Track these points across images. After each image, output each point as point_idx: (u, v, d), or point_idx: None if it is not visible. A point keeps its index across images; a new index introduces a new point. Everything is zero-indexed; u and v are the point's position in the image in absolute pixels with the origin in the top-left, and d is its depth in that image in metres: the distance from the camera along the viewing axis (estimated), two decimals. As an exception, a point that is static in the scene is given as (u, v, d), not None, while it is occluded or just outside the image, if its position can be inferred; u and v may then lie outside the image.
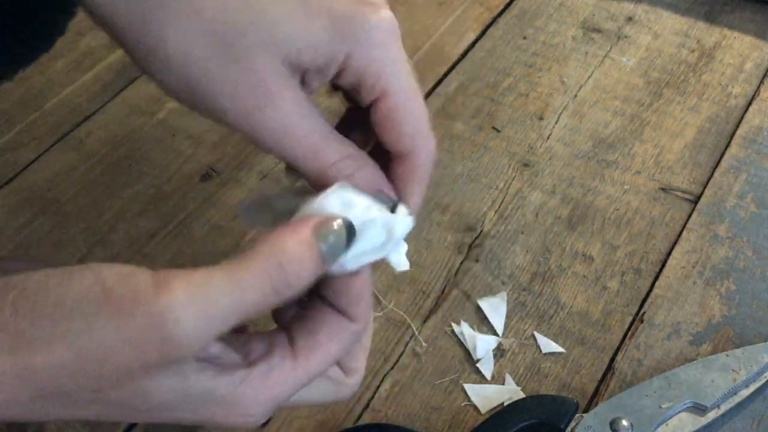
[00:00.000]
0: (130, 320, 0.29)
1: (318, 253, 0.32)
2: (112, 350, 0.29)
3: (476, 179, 0.61)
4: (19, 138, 0.65)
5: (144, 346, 0.29)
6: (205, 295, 0.30)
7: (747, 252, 0.56)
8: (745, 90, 0.67)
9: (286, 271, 0.31)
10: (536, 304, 0.54)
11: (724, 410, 0.48)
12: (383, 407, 0.50)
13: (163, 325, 0.29)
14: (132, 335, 0.29)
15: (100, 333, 0.29)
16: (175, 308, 0.29)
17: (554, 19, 0.73)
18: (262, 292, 0.31)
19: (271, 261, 0.31)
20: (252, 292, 0.30)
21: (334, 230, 0.32)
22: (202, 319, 0.30)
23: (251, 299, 0.30)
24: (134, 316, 0.29)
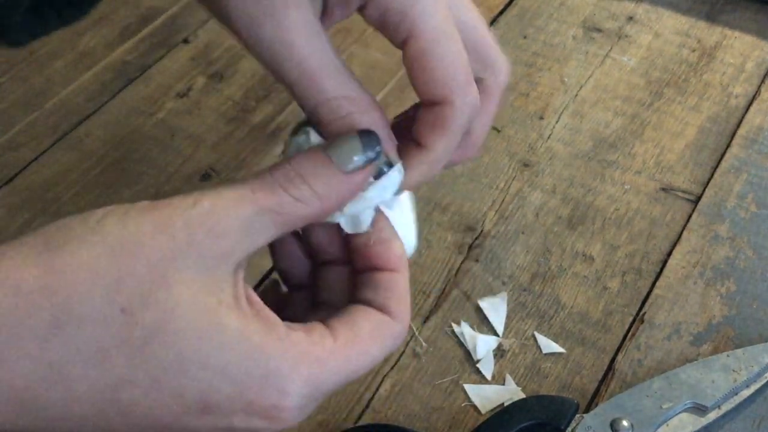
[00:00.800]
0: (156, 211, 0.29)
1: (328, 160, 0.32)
2: (143, 238, 0.28)
3: (476, 179, 0.61)
4: (19, 138, 0.65)
5: (171, 229, 0.29)
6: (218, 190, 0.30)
7: (747, 252, 0.56)
8: (745, 90, 0.67)
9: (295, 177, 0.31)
10: (536, 304, 0.54)
11: (724, 411, 0.48)
12: (383, 407, 0.50)
13: (184, 209, 0.29)
14: (159, 220, 0.29)
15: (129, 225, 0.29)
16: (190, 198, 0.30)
17: (555, 18, 0.73)
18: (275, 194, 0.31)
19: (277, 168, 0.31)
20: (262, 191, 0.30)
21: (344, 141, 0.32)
22: (218, 203, 0.30)
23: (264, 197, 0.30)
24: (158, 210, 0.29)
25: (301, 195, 0.31)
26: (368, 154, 0.32)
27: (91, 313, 0.27)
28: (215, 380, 0.29)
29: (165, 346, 0.28)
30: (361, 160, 0.32)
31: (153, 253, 0.28)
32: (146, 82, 0.69)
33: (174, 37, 0.72)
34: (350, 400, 0.50)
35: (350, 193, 0.33)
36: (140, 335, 0.28)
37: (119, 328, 0.28)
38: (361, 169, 0.32)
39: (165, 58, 0.71)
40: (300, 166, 0.31)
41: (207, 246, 0.29)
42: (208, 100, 0.67)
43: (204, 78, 0.69)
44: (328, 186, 0.32)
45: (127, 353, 0.28)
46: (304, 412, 0.31)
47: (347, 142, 0.32)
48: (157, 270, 0.28)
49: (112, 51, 0.71)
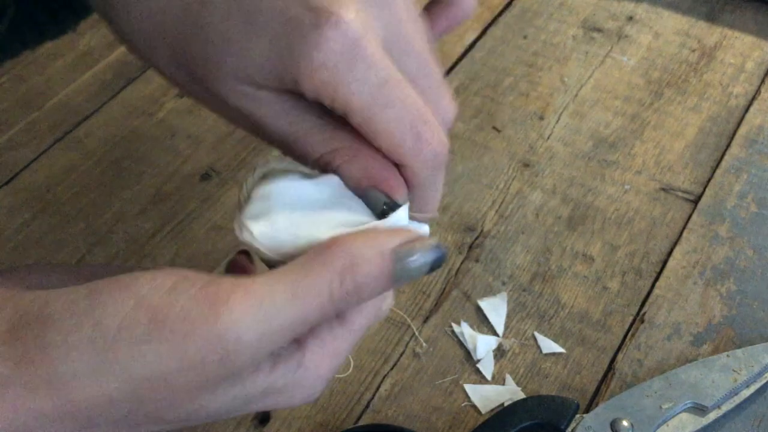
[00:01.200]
0: (187, 343, 0.27)
1: (391, 274, 0.30)
2: (169, 375, 0.27)
3: (476, 179, 0.61)
4: (19, 138, 0.65)
5: (204, 367, 0.27)
6: (266, 312, 0.28)
7: (747, 252, 0.56)
8: (746, 90, 0.67)
9: (350, 287, 0.29)
10: (536, 304, 0.54)
11: (724, 411, 0.48)
12: (383, 407, 0.50)
13: (224, 346, 0.27)
14: (190, 358, 0.27)
15: (153, 360, 0.27)
16: (235, 328, 0.27)
17: (555, 18, 0.73)
18: (321, 307, 0.29)
19: (339, 288, 0.29)
20: (314, 307, 0.29)
21: (418, 255, 0.30)
22: (264, 336, 0.28)
23: (312, 314, 0.29)
24: (191, 339, 0.27)
25: (347, 309, 0.30)
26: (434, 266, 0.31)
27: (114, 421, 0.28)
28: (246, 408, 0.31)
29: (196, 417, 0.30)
30: (417, 274, 0.31)
31: (179, 386, 0.28)
32: (146, 82, 0.69)
33: (174, 37, 0.72)
34: (350, 400, 0.50)
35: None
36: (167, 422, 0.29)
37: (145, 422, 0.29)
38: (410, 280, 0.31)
39: (165, 58, 0.71)
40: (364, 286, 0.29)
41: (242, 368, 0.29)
42: (208, 100, 0.67)
43: (204, 78, 0.69)
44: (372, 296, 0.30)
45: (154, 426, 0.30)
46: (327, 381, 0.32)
47: (417, 266, 0.30)
48: (184, 395, 0.28)
49: (112, 51, 0.71)
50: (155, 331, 0.27)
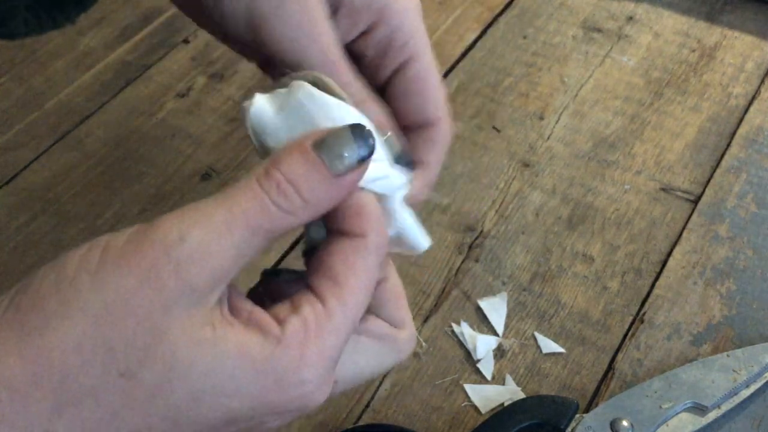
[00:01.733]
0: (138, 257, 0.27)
1: (320, 165, 0.29)
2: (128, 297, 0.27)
3: (476, 179, 0.61)
4: (19, 138, 0.65)
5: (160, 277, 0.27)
6: (203, 212, 0.28)
7: (747, 252, 0.56)
8: (745, 90, 0.67)
9: (286, 187, 0.29)
10: (536, 304, 0.54)
11: (724, 410, 0.48)
12: (383, 407, 0.50)
13: (170, 247, 0.27)
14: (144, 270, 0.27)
15: (109, 284, 0.27)
16: (175, 228, 0.27)
17: (555, 18, 0.73)
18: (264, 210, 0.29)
19: (266, 177, 0.29)
20: (247, 199, 0.29)
21: (335, 135, 0.30)
22: (207, 234, 0.28)
23: (249, 207, 0.28)
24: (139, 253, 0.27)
25: (292, 206, 0.29)
26: (361, 152, 0.30)
27: (90, 387, 0.27)
28: (232, 402, 0.29)
29: (173, 391, 0.28)
30: (354, 159, 0.30)
31: (142, 311, 0.27)
32: (146, 82, 0.69)
33: (174, 37, 0.72)
34: (350, 400, 0.50)
35: (341, 197, 0.31)
36: (145, 391, 0.27)
37: (122, 392, 0.27)
38: (353, 169, 0.30)
39: (165, 59, 0.71)
40: (290, 171, 0.29)
41: (198, 282, 0.28)
42: (208, 100, 0.67)
43: (204, 78, 0.69)
44: (320, 193, 0.30)
45: (137, 408, 0.27)
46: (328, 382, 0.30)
47: (338, 139, 0.30)
48: (147, 324, 0.27)
49: (113, 51, 0.71)
50: (107, 258, 0.27)
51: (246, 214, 0.28)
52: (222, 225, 0.28)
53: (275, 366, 0.29)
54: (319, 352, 0.29)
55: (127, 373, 0.27)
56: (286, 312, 0.30)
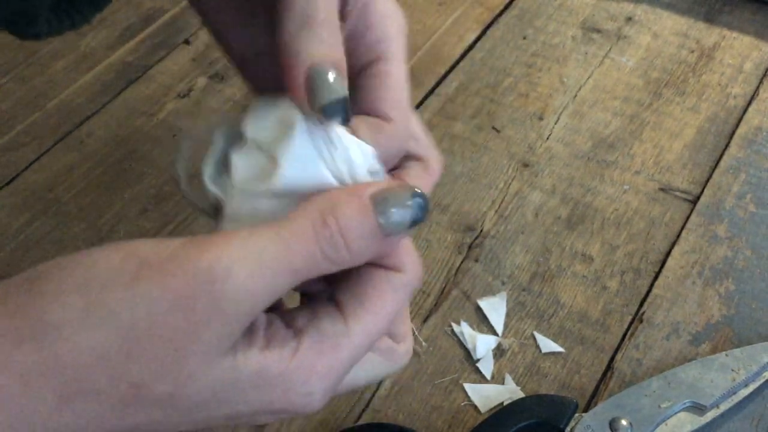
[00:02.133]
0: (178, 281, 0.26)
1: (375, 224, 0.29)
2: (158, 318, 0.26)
3: (476, 179, 0.62)
4: (20, 138, 0.65)
5: (196, 307, 0.26)
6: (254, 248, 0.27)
7: (746, 252, 0.57)
8: (744, 90, 0.67)
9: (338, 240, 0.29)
10: (536, 304, 0.54)
11: (723, 410, 0.48)
12: (383, 407, 0.50)
13: (213, 279, 0.26)
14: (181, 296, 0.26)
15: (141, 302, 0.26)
16: (224, 260, 0.26)
17: (554, 19, 0.73)
18: (312, 259, 0.28)
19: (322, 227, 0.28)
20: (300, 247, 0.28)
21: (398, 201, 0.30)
22: (255, 275, 0.27)
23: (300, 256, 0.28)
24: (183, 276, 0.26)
25: (337, 257, 0.29)
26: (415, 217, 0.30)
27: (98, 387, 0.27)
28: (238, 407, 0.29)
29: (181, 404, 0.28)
30: (407, 222, 0.30)
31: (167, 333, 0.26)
32: (147, 83, 0.69)
33: (175, 37, 0.72)
34: (350, 399, 0.50)
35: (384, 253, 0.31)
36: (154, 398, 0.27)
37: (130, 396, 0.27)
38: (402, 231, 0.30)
39: (166, 59, 0.71)
40: (345, 224, 0.29)
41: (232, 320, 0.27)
42: (209, 101, 0.68)
43: (205, 78, 0.69)
44: (367, 248, 0.29)
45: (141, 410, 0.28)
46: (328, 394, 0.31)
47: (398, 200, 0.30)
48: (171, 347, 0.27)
49: (114, 52, 0.71)
50: (144, 274, 0.26)
51: (294, 261, 0.28)
52: (269, 268, 0.27)
53: (286, 378, 0.29)
54: (330, 368, 0.30)
55: (138, 383, 0.27)
56: (305, 321, 0.30)
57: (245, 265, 0.27)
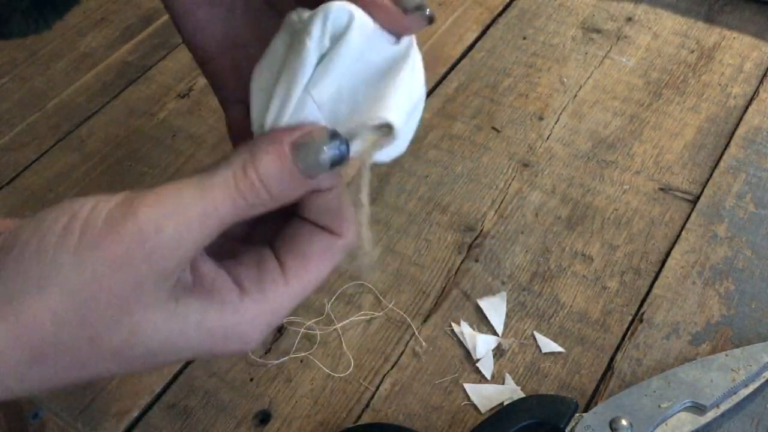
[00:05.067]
0: (115, 244, 0.29)
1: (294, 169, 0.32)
2: (104, 278, 0.29)
3: (476, 179, 0.62)
4: (20, 138, 0.65)
5: (133, 263, 0.30)
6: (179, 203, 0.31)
7: (746, 252, 0.57)
8: (744, 90, 0.67)
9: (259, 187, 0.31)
10: (536, 303, 0.54)
11: (723, 410, 0.48)
12: (383, 407, 0.50)
13: (147, 238, 0.30)
14: (119, 256, 0.29)
15: (88, 266, 0.29)
16: (152, 218, 0.30)
17: (554, 19, 0.73)
18: (234, 206, 0.31)
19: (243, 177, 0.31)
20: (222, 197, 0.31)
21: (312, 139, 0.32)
22: (182, 227, 0.30)
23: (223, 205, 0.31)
24: (117, 237, 0.29)
25: (262, 202, 0.32)
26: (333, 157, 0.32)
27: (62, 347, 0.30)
28: (182, 353, 0.33)
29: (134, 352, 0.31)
30: (326, 164, 0.32)
31: (114, 292, 0.30)
32: (147, 83, 0.69)
33: (175, 37, 0.72)
34: (350, 399, 0.50)
35: (305, 193, 0.33)
36: (110, 350, 0.31)
37: (90, 351, 0.31)
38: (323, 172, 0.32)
39: (166, 59, 0.71)
40: (265, 173, 0.31)
41: (167, 267, 0.30)
42: (209, 101, 0.68)
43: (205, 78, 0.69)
44: (287, 191, 0.32)
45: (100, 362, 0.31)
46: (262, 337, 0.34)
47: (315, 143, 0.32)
48: (119, 304, 0.30)
49: (114, 52, 0.71)
50: (87, 238, 0.30)
51: (219, 211, 0.31)
52: (196, 219, 0.31)
53: (226, 328, 0.32)
54: (269, 321, 0.33)
55: (95, 337, 0.30)
56: (251, 281, 0.33)
57: (172, 219, 0.30)
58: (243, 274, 0.34)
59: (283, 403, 0.50)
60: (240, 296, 0.33)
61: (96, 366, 0.31)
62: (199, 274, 0.33)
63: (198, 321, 0.32)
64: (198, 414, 0.50)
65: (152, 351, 0.31)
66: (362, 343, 0.53)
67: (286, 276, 0.34)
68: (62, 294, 0.29)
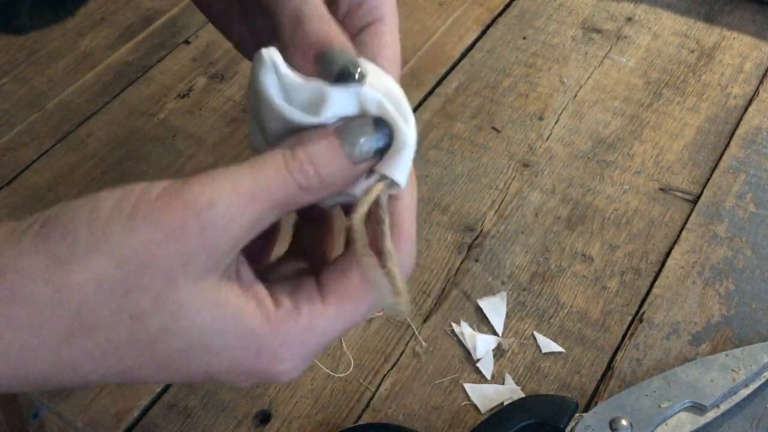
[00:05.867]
0: (169, 214, 0.29)
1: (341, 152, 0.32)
2: (154, 249, 0.29)
3: (476, 179, 0.62)
4: (20, 138, 0.65)
5: (185, 235, 0.29)
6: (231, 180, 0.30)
7: (746, 252, 0.57)
8: (744, 90, 0.67)
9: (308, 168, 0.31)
10: (536, 303, 0.54)
11: (723, 410, 0.48)
12: (383, 407, 0.50)
13: (200, 209, 0.29)
14: (173, 226, 0.29)
15: (139, 234, 0.29)
16: (206, 193, 0.30)
17: (554, 19, 0.73)
18: (285, 185, 0.31)
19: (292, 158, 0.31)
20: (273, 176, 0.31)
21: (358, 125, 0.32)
22: (234, 202, 0.30)
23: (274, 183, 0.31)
24: (170, 208, 0.29)
25: (310, 185, 0.32)
26: (378, 143, 0.33)
27: (101, 321, 0.29)
28: (215, 360, 0.31)
29: (171, 341, 0.30)
30: (372, 150, 0.32)
31: (163, 263, 0.29)
32: (147, 83, 0.69)
33: (175, 38, 0.72)
34: (350, 399, 0.50)
35: (354, 180, 0.33)
36: (148, 335, 0.30)
37: (128, 332, 0.30)
38: (368, 159, 0.33)
39: (166, 59, 0.71)
40: (314, 153, 0.32)
41: (219, 245, 0.30)
42: (209, 101, 0.68)
43: (205, 78, 0.69)
44: (337, 175, 0.32)
45: (136, 349, 0.30)
46: (300, 367, 0.33)
47: (360, 129, 0.32)
48: (166, 277, 0.29)
49: (114, 52, 0.71)
50: (140, 208, 0.29)
51: (270, 188, 0.31)
52: (248, 195, 0.30)
53: (259, 338, 0.32)
54: (301, 343, 0.32)
55: (136, 315, 0.29)
56: (285, 295, 0.33)
57: (225, 195, 0.30)
58: (278, 289, 0.33)
59: (283, 403, 0.50)
60: (274, 306, 0.32)
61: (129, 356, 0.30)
62: (239, 275, 0.32)
63: (236, 315, 0.31)
64: (198, 414, 0.50)
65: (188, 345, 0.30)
66: (362, 343, 0.53)
67: (322, 293, 0.33)
68: (110, 261, 0.29)
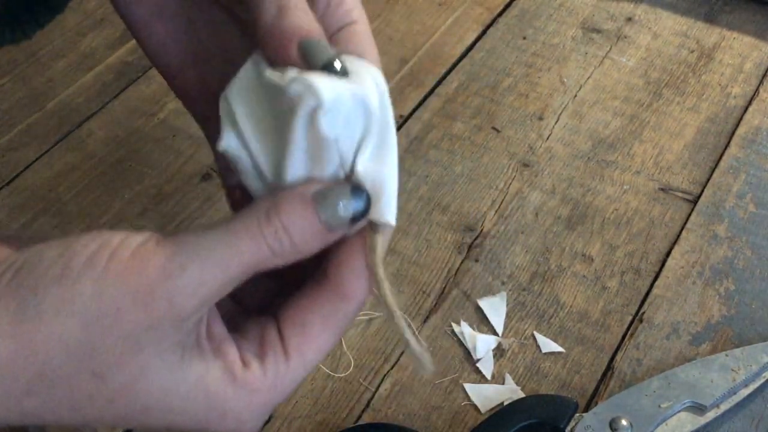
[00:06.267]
0: (140, 277, 0.29)
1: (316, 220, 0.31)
2: (120, 311, 0.29)
3: (476, 179, 0.62)
4: (20, 138, 0.65)
5: (153, 300, 0.29)
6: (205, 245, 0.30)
7: (746, 252, 0.57)
8: (744, 90, 0.67)
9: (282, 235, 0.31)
10: (536, 303, 0.54)
11: (723, 410, 0.48)
12: (383, 407, 0.50)
13: (170, 275, 0.29)
14: (141, 291, 0.29)
15: (108, 295, 0.29)
16: (177, 257, 0.29)
17: (554, 19, 0.74)
18: (258, 252, 0.31)
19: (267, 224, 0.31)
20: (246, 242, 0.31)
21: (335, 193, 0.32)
22: (206, 267, 0.30)
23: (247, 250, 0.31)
24: (144, 272, 0.29)
25: (283, 251, 0.31)
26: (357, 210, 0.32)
27: (64, 378, 0.29)
28: (178, 418, 0.32)
29: (131, 400, 0.31)
30: (348, 218, 0.32)
31: (128, 327, 0.29)
32: (147, 83, 0.69)
33: (175, 37, 0.72)
34: (350, 399, 0.50)
35: (326, 245, 0.33)
36: (109, 393, 0.30)
37: (89, 388, 0.30)
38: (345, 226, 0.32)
39: (166, 59, 0.71)
40: (289, 221, 0.31)
41: (186, 310, 0.30)
42: (209, 101, 0.68)
43: (205, 79, 0.69)
44: (310, 243, 0.32)
45: (98, 405, 0.30)
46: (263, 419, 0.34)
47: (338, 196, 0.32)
48: (130, 339, 0.29)
49: (114, 52, 0.71)
50: (111, 268, 0.29)
51: (242, 253, 0.31)
52: (220, 263, 0.30)
53: (224, 402, 0.32)
54: (266, 402, 0.33)
55: (99, 373, 0.30)
56: (252, 355, 0.33)
57: (197, 259, 0.30)
58: (245, 347, 0.33)
59: (283, 403, 0.50)
60: (243, 369, 0.32)
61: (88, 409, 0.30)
62: (209, 333, 0.32)
63: (198, 378, 0.31)
64: (198, 414, 0.50)
65: (149, 404, 0.31)
66: (362, 343, 0.53)
67: (286, 350, 0.33)
68: (77, 322, 0.29)
